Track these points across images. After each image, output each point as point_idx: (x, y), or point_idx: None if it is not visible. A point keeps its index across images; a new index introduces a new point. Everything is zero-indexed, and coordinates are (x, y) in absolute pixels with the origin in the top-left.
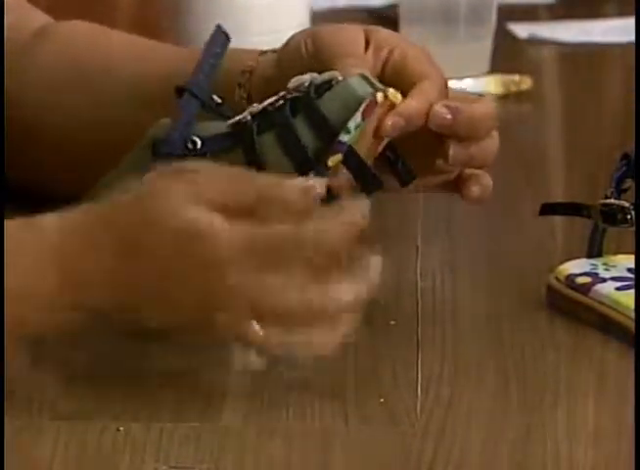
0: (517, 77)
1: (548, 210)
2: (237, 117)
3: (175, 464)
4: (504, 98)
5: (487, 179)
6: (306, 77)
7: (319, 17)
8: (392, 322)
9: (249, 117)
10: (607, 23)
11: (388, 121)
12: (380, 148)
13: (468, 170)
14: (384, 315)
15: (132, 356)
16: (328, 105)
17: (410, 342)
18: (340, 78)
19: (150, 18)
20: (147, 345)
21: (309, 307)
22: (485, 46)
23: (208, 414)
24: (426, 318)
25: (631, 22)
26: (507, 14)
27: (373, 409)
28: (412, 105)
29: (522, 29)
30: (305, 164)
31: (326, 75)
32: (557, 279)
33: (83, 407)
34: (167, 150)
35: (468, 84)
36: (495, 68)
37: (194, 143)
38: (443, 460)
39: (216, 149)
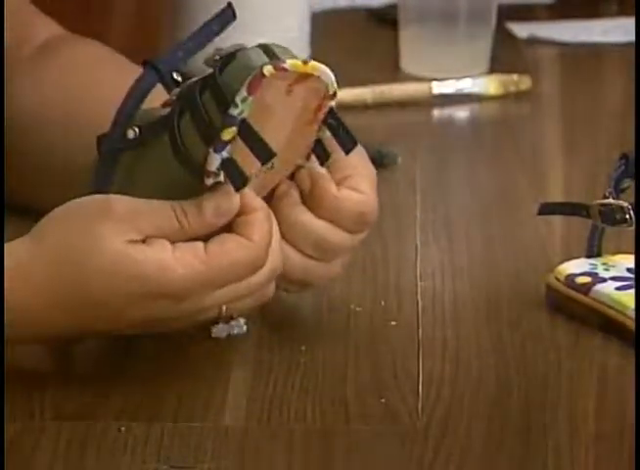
0: (516, 77)
1: (547, 209)
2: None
3: (176, 464)
4: (504, 98)
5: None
6: (211, 51)
7: (319, 17)
8: (392, 322)
9: (174, 99)
10: (607, 23)
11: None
12: (321, 115)
13: None
14: (384, 315)
15: (132, 356)
16: (227, 78)
17: (410, 342)
18: (241, 49)
19: (149, 16)
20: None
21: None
22: (485, 46)
23: (209, 414)
24: (426, 318)
25: (631, 22)
26: (507, 14)
27: (373, 409)
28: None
29: (521, 29)
30: (212, 141)
31: (231, 47)
32: (557, 279)
33: (84, 407)
34: (109, 146)
35: (467, 84)
36: (495, 68)
37: (133, 132)
38: (444, 460)
39: (149, 137)
